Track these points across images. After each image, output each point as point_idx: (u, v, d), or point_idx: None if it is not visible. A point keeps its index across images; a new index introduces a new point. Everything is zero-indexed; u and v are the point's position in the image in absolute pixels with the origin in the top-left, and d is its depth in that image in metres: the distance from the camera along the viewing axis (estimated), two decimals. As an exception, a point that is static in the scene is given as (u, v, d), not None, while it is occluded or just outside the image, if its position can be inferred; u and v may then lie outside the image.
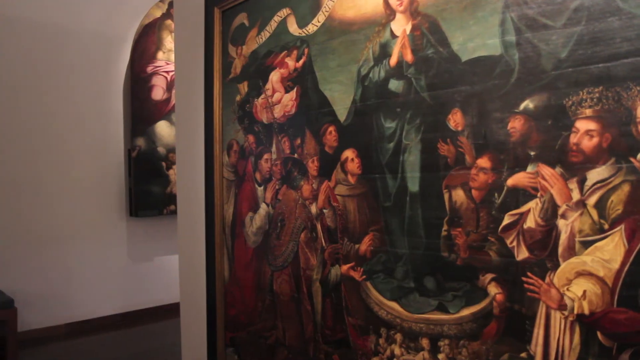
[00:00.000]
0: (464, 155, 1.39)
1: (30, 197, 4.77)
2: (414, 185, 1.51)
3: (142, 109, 5.26)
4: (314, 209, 1.82)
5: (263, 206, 2.06)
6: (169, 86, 5.42)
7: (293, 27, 1.92)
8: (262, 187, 2.06)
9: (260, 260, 2.09)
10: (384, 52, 1.59)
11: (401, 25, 1.54)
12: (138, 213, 5.21)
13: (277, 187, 1.99)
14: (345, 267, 1.72)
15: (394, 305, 1.57)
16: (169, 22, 5.43)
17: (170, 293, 5.49)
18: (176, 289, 5.32)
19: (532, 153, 1.26)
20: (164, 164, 5.36)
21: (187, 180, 2.53)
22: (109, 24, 5.22)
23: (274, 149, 2.00)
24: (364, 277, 1.66)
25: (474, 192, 1.37)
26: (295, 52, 1.90)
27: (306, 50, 1.85)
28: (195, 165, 2.45)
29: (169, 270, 5.53)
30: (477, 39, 1.36)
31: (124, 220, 5.32)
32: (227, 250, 2.25)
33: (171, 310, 5.38)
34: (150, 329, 5.05)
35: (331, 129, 1.75)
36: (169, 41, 5.43)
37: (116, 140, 5.29)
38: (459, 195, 1.41)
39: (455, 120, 1.41)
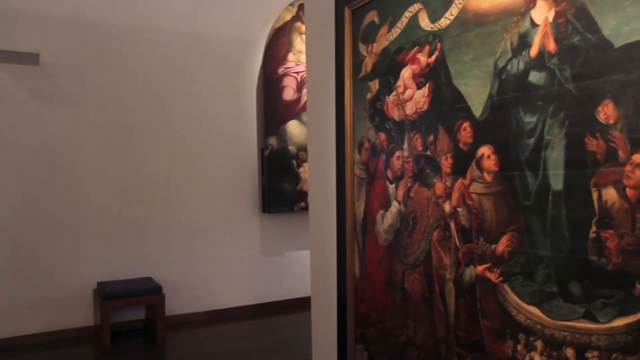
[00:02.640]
0: (617, 151, 1.27)
1: (175, 195, 5.20)
2: (557, 183, 1.41)
3: (273, 109, 5.48)
4: (447, 207, 1.78)
5: (394, 204, 2.05)
6: (299, 86, 5.59)
7: (425, 22, 1.88)
8: (393, 185, 2.05)
9: (391, 258, 2.08)
10: (523, 42, 1.50)
11: (543, 13, 1.44)
12: (270, 209, 5.44)
13: (409, 184, 1.97)
14: (480, 268, 1.66)
15: (534, 310, 1.49)
16: (298, 24, 5.60)
17: (300, 287, 5.68)
18: (306, 284, 5.49)
19: (701, 147, 1.12)
20: (294, 162, 5.55)
21: (319, 177, 2.59)
22: (243, 30, 5.51)
23: (405, 146, 1.98)
24: (501, 278, 1.59)
25: (629, 191, 1.25)
26: (427, 47, 1.87)
27: (439, 45, 1.81)
28: (326, 163, 2.50)
29: (299, 264, 5.72)
30: (634, 21, 1.23)
31: (257, 216, 5.60)
32: (358, 247, 2.27)
33: (301, 304, 5.56)
34: (282, 321, 5.26)
35: (466, 125, 1.69)
36: (298, 43, 5.61)
37: (250, 140, 5.57)
38: (610, 194, 1.29)
39: (606, 112, 1.29)
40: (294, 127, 5.56)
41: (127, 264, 5.00)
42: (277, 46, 5.54)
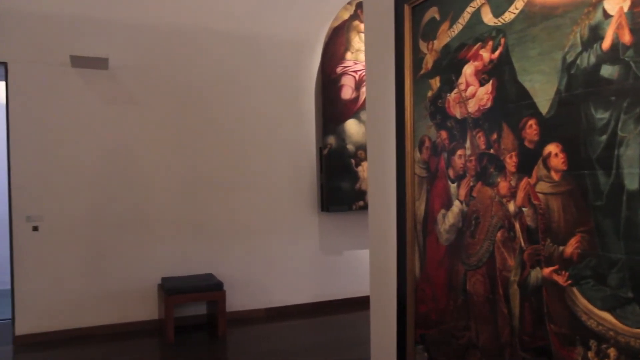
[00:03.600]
0: (699, 148, 1.20)
1: (236, 194, 5.30)
2: (632, 183, 1.34)
3: (332, 109, 5.49)
4: (512, 207, 1.73)
5: (456, 203, 2.01)
6: (358, 85, 5.58)
7: (488, 17, 1.84)
8: (455, 184, 2.01)
9: (452, 258, 2.04)
10: (595, 35, 1.44)
11: (617, 3, 1.38)
12: (329, 208, 5.46)
13: (471, 183, 1.93)
14: (547, 270, 1.60)
15: (607, 315, 1.42)
16: (356, 23, 5.59)
17: (358, 286, 5.67)
18: (365, 283, 5.47)
19: None
20: (353, 161, 5.54)
21: (378, 176, 2.58)
22: (301, 30, 5.55)
23: (468, 144, 1.94)
24: (570, 282, 1.53)
25: None
26: (490, 43, 1.82)
27: (502, 40, 1.76)
28: (386, 162, 2.48)
29: (357, 263, 5.71)
30: None
31: (316, 214, 5.63)
32: (418, 247, 2.24)
33: (360, 303, 5.55)
34: (340, 320, 5.26)
35: (531, 122, 1.64)
36: (356, 42, 5.59)
37: (309, 139, 5.60)
38: (691, 194, 1.22)
39: (687, 107, 1.22)
40: (352, 126, 5.55)
41: (190, 260, 5.15)
42: (335, 45, 5.55)
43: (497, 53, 1.79)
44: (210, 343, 4.63)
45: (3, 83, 4.70)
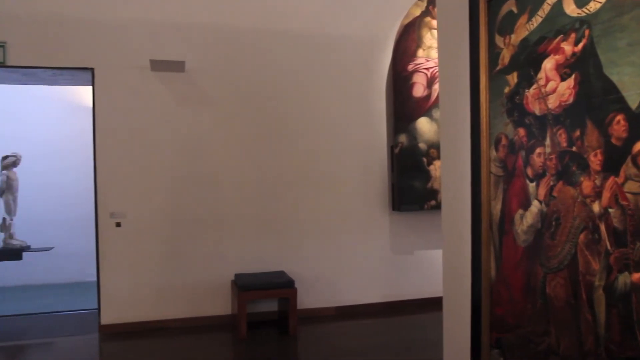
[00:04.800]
0: None
1: (307, 192, 5.35)
2: None
3: (403, 107, 5.43)
4: (596, 207, 1.64)
5: (535, 203, 1.93)
6: (429, 83, 5.48)
7: (570, 8, 1.75)
8: (534, 183, 1.93)
9: (531, 260, 1.96)
10: (692, 23, 1.33)
11: None
12: (400, 207, 5.40)
13: (551, 183, 1.84)
14: (637, 276, 1.50)
15: None
16: (428, 19, 5.49)
17: (430, 286, 5.57)
18: (436, 283, 5.36)
19: None
20: (424, 159, 5.45)
21: (452, 175, 2.52)
22: (372, 28, 5.52)
23: (547, 142, 1.85)
24: (662, 288, 1.43)
25: None
26: (573, 35, 1.73)
27: (586, 32, 1.67)
28: (460, 160, 2.42)
29: (429, 264, 5.62)
30: None
31: (386, 214, 5.58)
32: (494, 247, 2.17)
33: (431, 304, 5.45)
34: (411, 320, 5.20)
35: (619, 117, 1.54)
36: (428, 38, 5.50)
37: (380, 138, 5.57)
38: None
39: None
40: (424, 124, 5.46)
41: (262, 257, 5.25)
42: (406, 42, 5.48)
43: (580, 45, 1.70)
44: (281, 340, 4.70)
45: (90, 88, 4.98)
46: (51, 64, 4.75)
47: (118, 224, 4.88)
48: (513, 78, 2.04)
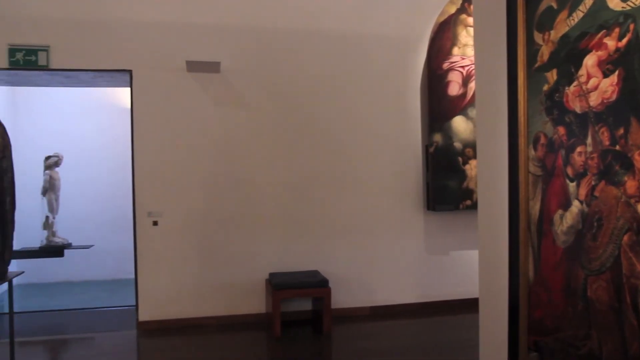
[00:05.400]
0: None
1: (341, 192, 5.35)
2: None
3: (438, 106, 5.37)
4: (641, 208, 1.59)
5: (575, 203, 1.88)
6: (465, 81, 5.41)
7: (614, 2, 1.70)
8: (574, 183, 1.88)
9: (571, 261, 1.91)
10: None
11: None
12: (435, 207, 5.35)
13: (593, 182, 1.79)
14: (684, 279, 1.45)
15: None
16: (463, 16, 5.42)
17: (465, 287, 5.50)
18: (472, 284, 5.28)
19: None
20: (460, 159, 5.38)
21: (489, 175, 2.48)
22: (406, 26, 5.48)
23: (589, 140, 1.80)
24: None
25: None
26: (616, 30, 1.68)
27: (631, 27, 1.62)
28: (497, 159, 2.37)
29: (464, 264, 5.54)
30: None
31: (421, 213, 5.53)
32: (532, 249, 2.13)
33: (466, 305, 5.38)
34: (446, 321, 5.14)
35: (666, 115, 1.49)
36: (463, 36, 5.43)
37: (414, 137, 5.52)
38: None
39: None
40: (459, 123, 5.39)
41: (296, 256, 5.27)
42: (441, 40, 5.42)
43: (624, 41, 1.65)
44: (315, 339, 4.71)
45: (128, 89, 5.09)
46: (91, 67, 4.88)
47: (155, 223, 4.97)
48: (552, 75, 2.00)
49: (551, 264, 2.02)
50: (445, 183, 5.34)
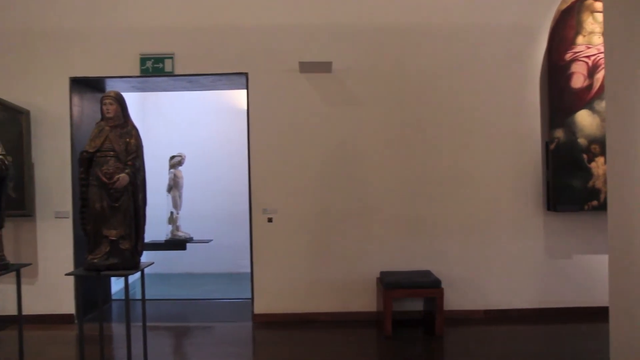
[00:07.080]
0: None
1: (455, 191, 5.21)
2: None
3: (560, 99, 5.05)
4: None
5: None
6: (591, 72, 5.03)
7: None
8: None
9: None
10: None
11: None
12: (557, 208, 5.03)
13: None
14: None
15: None
16: (589, 2, 5.06)
17: (590, 294, 5.13)
18: (599, 291, 4.92)
19: None
20: (585, 156, 5.02)
21: (621, 174, 2.28)
22: (523, 15, 5.22)
23: None
24: None
25: None
26: None
27: None
28: (630, 157, 2.17)
29: (590, 269, 5.16)
30: None
31: (540, 214, 5.23)
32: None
33: (592, 313, 5.03)
34: (568, 330, 4.82)
35: None
36: (589, 23, 5.05)
37: (533, 133, 5.24)
38: None
39: None
40: (584, 118, 5.01)
41: (407, 256, 5.20)
42: (564, 30, 5.07)
43: None
44: (427, 340, 4.63)
45: (244, 91, 5.32)
46: (211, 71, 5.18)
47: (270, 220, 5.16)
48: (700, 62, 1.79)
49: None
50: (567, 182, 5.01)
